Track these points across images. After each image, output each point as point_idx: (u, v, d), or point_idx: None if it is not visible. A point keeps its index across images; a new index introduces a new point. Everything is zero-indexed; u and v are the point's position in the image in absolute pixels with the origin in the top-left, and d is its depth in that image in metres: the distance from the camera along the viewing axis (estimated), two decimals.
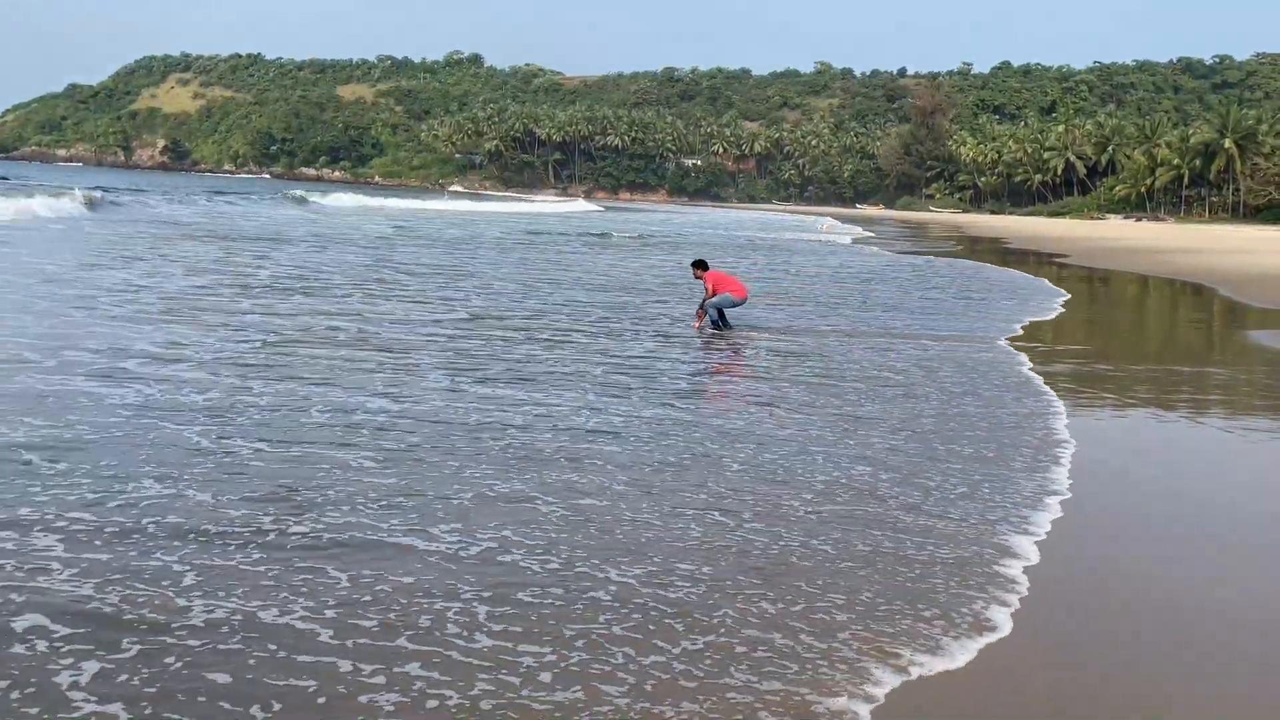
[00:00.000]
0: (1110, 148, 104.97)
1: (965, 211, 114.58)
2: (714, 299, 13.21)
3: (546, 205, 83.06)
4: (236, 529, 4.78)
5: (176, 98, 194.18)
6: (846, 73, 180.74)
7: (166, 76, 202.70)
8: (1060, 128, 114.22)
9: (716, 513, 5.39)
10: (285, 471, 5.69)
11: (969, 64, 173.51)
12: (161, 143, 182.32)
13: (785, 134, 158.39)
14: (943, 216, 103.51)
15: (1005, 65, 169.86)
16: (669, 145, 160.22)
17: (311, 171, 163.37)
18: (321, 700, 3.34)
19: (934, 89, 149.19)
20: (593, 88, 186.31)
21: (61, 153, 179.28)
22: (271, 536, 4.71)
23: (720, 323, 13.24)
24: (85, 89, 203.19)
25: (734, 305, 13.47)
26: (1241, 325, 17.23)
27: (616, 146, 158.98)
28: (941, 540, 5.12)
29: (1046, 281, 23.96)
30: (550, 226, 43.93)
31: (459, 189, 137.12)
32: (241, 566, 4.35)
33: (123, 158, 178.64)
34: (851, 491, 5.89)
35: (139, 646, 3.60)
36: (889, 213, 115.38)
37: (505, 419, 7.15)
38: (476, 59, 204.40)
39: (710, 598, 4.28)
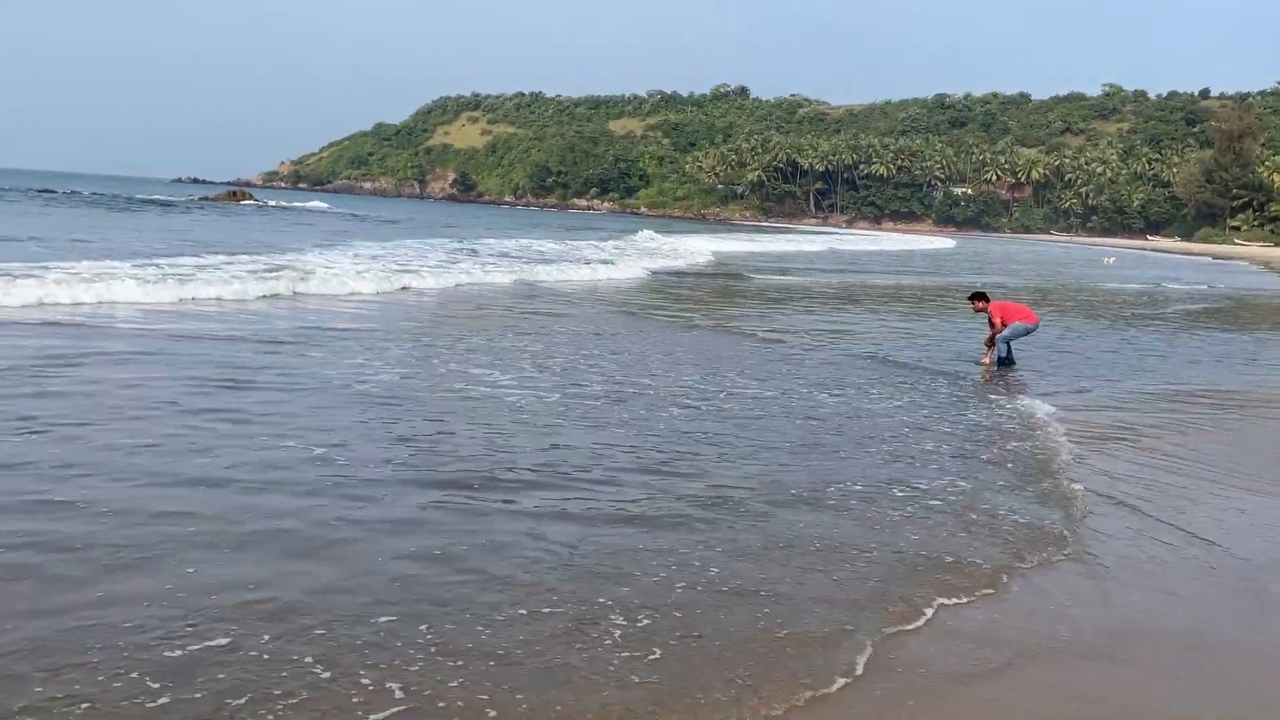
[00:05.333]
0: None
1: (1278, 245, 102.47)
2: (1005, 331, 12.37)
3: (924, 243, 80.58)
4: None
5: (466, 134, 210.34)
6: (1139, 95, 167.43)
7: (459, 115, 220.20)
8: None
9: None
10: None
11: None
12: (452, 175, 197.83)
13: (1067, 160, 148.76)
14: (1250, 250, 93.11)
15: None
16: (937, 173, 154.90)
17: (582, 202, 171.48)
18: None
19: (1242, 110, 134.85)
20: (858, 116, 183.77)
21: (367, 185, 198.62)
22: None
23: (1008, 359, 12.40)
24: (389, 127, 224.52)
25: (1026, 333, 12.63)
26: None
27: (881, 175, 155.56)
28: None
29: None
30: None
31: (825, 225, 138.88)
32: None
33: (418, 189, 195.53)
34: None
35: None
36: (1188, 245, 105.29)
37: None
38: (743, 91, 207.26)
39: None
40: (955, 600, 4.86)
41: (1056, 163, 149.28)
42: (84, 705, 3.50)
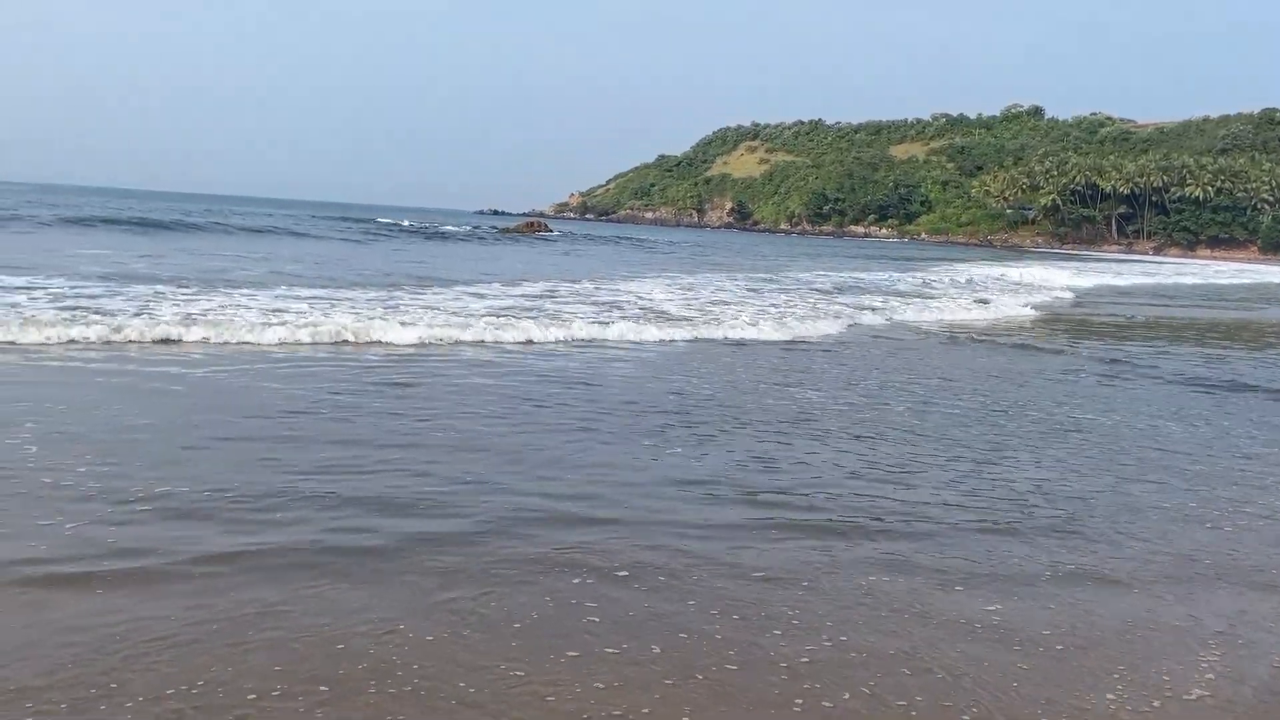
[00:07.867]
0: None
1: None
2: None
3: None
4: None
5: (744, 163, 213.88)
6: None
7: (737, 145, 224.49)
8: None
9: None
10: None
11: None
12: (729, 204, 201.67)
13: None
14: None
15: None
16: (1265, 195, 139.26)
17: (859, 229, 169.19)
18: None
19: None
20: (1169, 135, 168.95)
21: (649, 215, 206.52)
22: None
23: None
24: (670, 159, 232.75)
25: None
26: None
27: (1196, 198, 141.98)
28: None
29: None
30: None
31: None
32: None
33: (696, 218, 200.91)
34: None
35: None
36: None
37: None
38: (1037, 111, 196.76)
39: None
40: None
41: None
42: (532, 616, 3.93)
